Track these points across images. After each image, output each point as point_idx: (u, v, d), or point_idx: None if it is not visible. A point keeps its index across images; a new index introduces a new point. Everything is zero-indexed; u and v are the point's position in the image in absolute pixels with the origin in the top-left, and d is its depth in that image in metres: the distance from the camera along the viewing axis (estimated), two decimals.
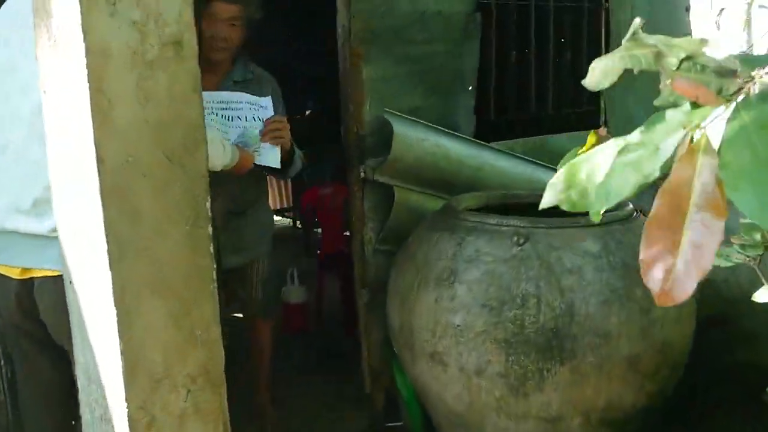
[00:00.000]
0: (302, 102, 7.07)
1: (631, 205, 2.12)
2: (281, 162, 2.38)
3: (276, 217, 7.47)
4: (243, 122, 2.25)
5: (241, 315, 2.88)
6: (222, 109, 2.23)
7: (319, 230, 4.32)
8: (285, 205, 7.41)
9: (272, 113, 2.28)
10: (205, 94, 2.28)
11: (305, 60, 6.98)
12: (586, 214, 0.66)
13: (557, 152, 3.14)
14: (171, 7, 1.14)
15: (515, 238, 1.92)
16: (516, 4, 2.89)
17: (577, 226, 1.95)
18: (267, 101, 2.29)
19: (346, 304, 3.69)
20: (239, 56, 2.45)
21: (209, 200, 1.24)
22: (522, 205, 2.42)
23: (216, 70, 2.34)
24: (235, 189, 2.48)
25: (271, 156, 2.29)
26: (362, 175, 2.38)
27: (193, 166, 1.20)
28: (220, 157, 1.95)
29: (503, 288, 1.87)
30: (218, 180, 2.50)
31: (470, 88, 2.71)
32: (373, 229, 2.46)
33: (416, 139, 2.42)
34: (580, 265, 1.87)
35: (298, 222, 7.19)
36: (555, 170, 2.50)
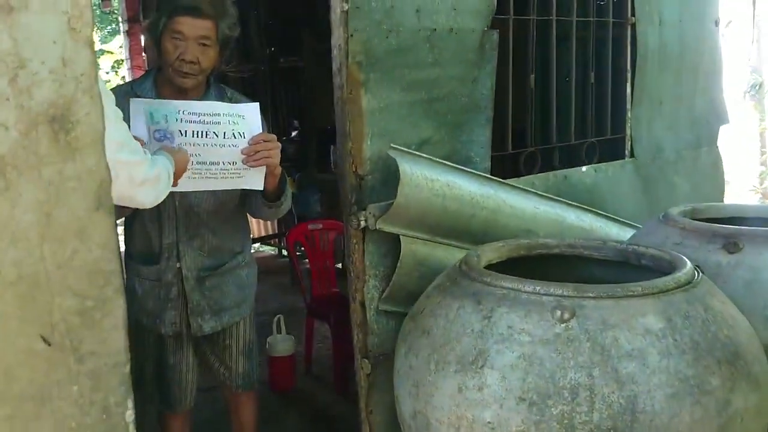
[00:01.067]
0: (287, 122, 6.73)
1: (688, 264, 1.77)
2: (270, 196, 2.03)
3: (257, 245, 7.15)
4: (221, 139, 1.88)
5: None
6: (193, 122, 1.86)
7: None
8: (269, 233, 7.03)
9: (259, 127, 1.92)
10: (169, 103, 1.84)
11: (290, 77, 6.66)
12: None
13: (582, 187, 2.80)
14: None
15: (558, 313, 1.56)
16: (536, 19, 2.55)
17: (633, 295, 1.60)
18: (252, 110, 1.93)
19: (338, 355, 3.32)
20: (212, 79, 2.09)
21: None
22: (551, 258, 2.08)
23: (185, 97, 1.99)
24: (210, 238, 2.11)
25: (255, 179, 1.93)
26: (362, 224, 2.02)
27: None
28: (157, 191, 1.63)
29: (546, 377, 1.51)
30: (190, 227, 2.15)
31: (486, 117, 2.36)
32: (376, 287, 2.10)
33: (425, 179, 2.07)
34: (641, 348, 1.51)
35: (283, 250, 6.82)
36: (581, 208, 2.13)
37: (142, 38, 8.36)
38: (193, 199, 2.05)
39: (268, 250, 7.16)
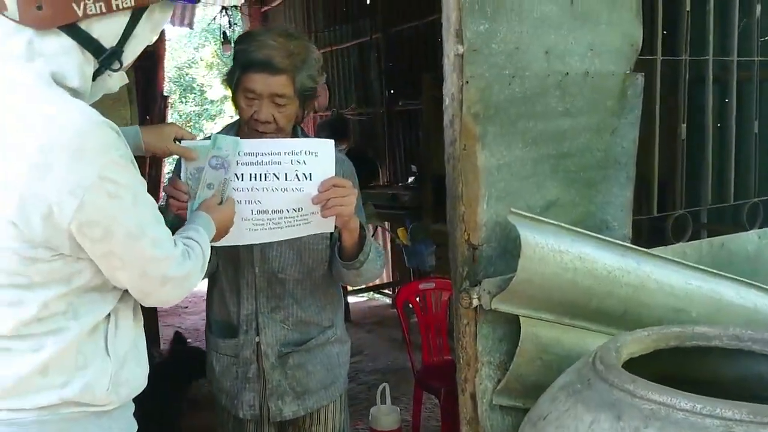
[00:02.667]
0: (404, 167, 6.56)
1: None
2: (348, 254, 1.79)
3: (371, 294, 6.97)
4: (282, 182, 1.66)
5: None
6: (251, 164, 1.66)
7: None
8: (383, 281, 6.84)
9: (332, 168, 1.68)
10: (216, 140, 1.61)
11: (409, 121, 6.51)
12: None
13: (743, 256, 2.37)
14: None
15: None
16: (688, 60, 2.20)
17: None
18: (326, 147, 1.68)
19: None
20: (299, 130, 1.92)
21: None
22: (710, 351, 1.71)
23: None
24: (295, 310, 1.90)
25: (326, 221, 1.71)
26: (474, 302, 1.74)
27: None
28: (185, 289, 1.44)
29: None
30: (272, 297, 1.88)
31: (626, 175, 2.03)
32: (490, 376, 1.80)
33: (551, 250, 1.76)
34: None
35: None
36: (743, 283, 1.64)
37: None
38: (276, 265, 1.86)
39: (382, 299, 6.96)
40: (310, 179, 1.66)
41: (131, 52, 1.38)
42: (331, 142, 1.70)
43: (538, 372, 1.81)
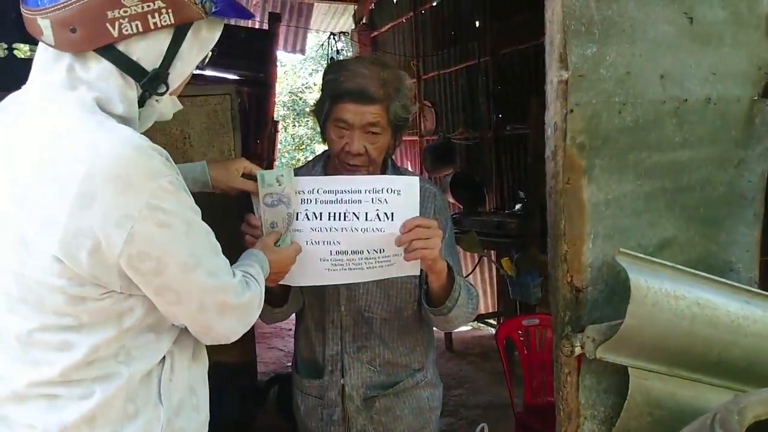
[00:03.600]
0: (511, 194, 6.39)
1: None
2: (435, 298, 1.71)
3: (475, 323, 6.80)
4: (362, 222, 1.59)
5: None
6: (328, 202, 1.60)
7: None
8: (489, 310, 6.67)
9: (416, 207, 1.59)
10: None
11: (517, 146, 6.35)
12: None
13: None
14: None
15: None
16: None
17: None
18: (410, 185, 1.60)
19: None
20: (390, 162, 1.86)
21: None
22: None
23: None
24: (382, 351, 1.83)
25: (410, 264, 1.62)
26: (577, 350, 1.60)
27: None
28: (246, 322, 1.38)
29: None
30: (358, 336, 1.79)
31: (753, 212, 1.83)
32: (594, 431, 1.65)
33: (665, 295, 1.60)
34: None
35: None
36: None
37: None
38: (363, 303, 1.79)
39: (486, 329, 6.79)
40: (392, 219, 1.58)
41: (178, 75, 1.31)
42: (416, 179, 1.62)
43: (648, 429, 1.65)
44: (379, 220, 1.58)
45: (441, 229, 1.84)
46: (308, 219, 1.62)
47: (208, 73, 7.06)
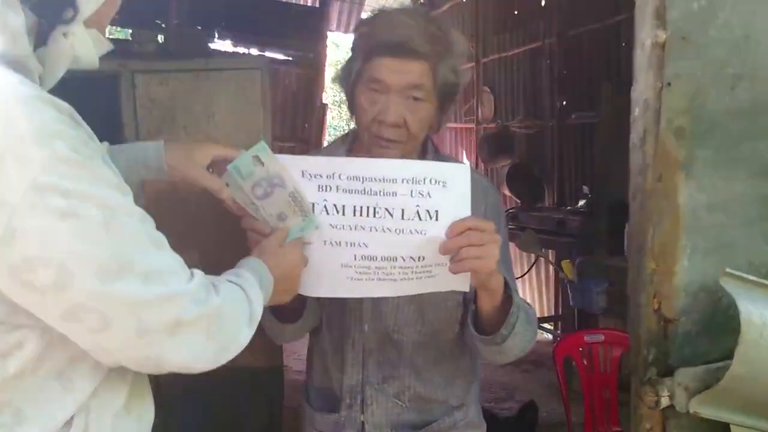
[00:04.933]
0: (574, 188, 5.97)
1: None
2: (488, 322, 1.36)
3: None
4: (397, 221, 1.24)
5: None
6: (354, 192, 1.25)
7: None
8: (544, 314, 6.26)
9: (467, 204, 1.24)
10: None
11: (583, 135, 5.92)
12: None
13: None
14: None
15: None
16: None
17: None
18: (459, 174, 1.26)
19: None
20: (431, 145, 1.52)
21: None
22: None
23: None
24: (413, 383, 1.50)
25: (457, 277, 1.26)
26: (663, 401, 1.24)
27: None
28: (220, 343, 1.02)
29: None
30: (384, 364, 1.45)
31: None
32: None
33: None
34: None
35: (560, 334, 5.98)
36: None
37: None
38: (391, 322, 1.47)
39: (542, 333, 6.38)
40: (437, 219, 1.24)
41: None
42: (467, 166, 1.27)
43: None
44: (420, 219, 1.24)
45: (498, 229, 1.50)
46: (327, 212, 1.28)
47: (253, 51, 6.85)
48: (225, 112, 2.92)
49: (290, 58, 7.21)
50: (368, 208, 1.24)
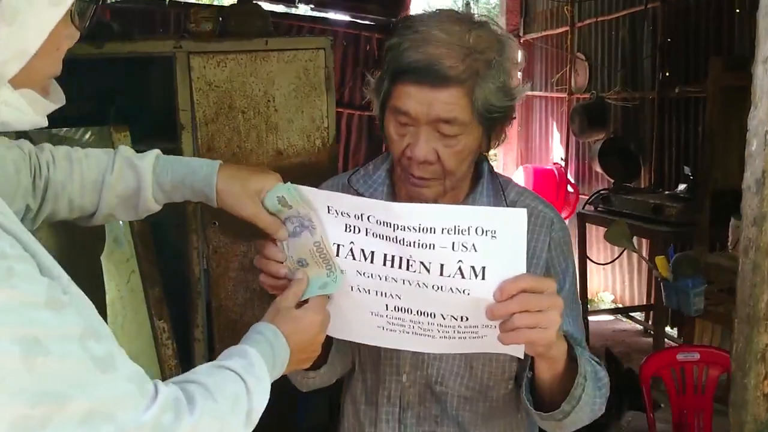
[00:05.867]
0: (675, 169, 5.53)
1: None
2: (548, 396, 1.16)
3: (615, 316, 6.05)
4: (435, 277, 1.03)
5: None
6: (385, 239, 1.06)
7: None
8: (632, 303, 5.91)
9: (520, 261, 1.02)
10: (337, 197, 1.01)
11: (687, 111, 5.47)
12: None
13: None
14: None
15: None
16: None
17: None
18: (513, 220, 1.02)
19: None
20: (486, 169, 1.32)
21: None
22: None
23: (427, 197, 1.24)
24: None
25: (507, 346, 1.06)
26: None
27: None
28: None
29: None
30: (425, 419, 1.25)
31: None
32: None
33: None
34: None
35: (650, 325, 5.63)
36: None
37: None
38: (434, 373, 1.27)
39: (629, 323, 6.04)
40: (483, 277, 1.02)
41: (12, 48, 0.76)
42: (523, 212, 1.03)
43: None
44: (462, 276, 1.02)
45: (559, 275, 1.27)
46: (353, 257, 1.09)
47: (332, 16, 6.66)
48: (285, 96, 2.76)
49: (372, 23, 6.99)
50: (401, 259, 1.04)
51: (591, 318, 5.51)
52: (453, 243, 1.01)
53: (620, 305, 6.10)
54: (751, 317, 1.03)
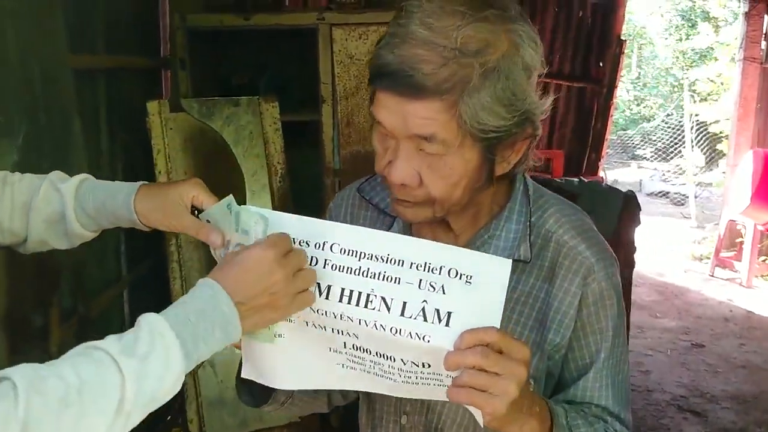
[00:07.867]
0: None
1: None
2: None
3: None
4: (396, 317, 0.92)
5: None
6: (345, 270, 0.95)
7: None
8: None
9: (494, 315, 0.89)
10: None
11: None
12: None
13: None
14: None
15: None
16: None
17: None
18: (492, 271, 0.90)
19: None
20: (520, 185, 1.15)
21: None
22: None
23: (440, 229, 1.13)
24: None
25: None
26: None
27: None
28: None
29: None
30: None
31: None
32: None
33: None
34: None
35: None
36: None
37: (766, 21, 7.00)
38: (434, 416, 1.16)
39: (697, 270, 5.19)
40: (447, 323, 0.90)
41: None
42: (507, 263, 0.90)
43: None
44: (424, 319, 0.91)
45: (596, 336, 1.10)
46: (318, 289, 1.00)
47: None
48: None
49: None
50: (359, 294, 0.93)
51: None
52: (420, 280, 0.91)
53: None
54: None
